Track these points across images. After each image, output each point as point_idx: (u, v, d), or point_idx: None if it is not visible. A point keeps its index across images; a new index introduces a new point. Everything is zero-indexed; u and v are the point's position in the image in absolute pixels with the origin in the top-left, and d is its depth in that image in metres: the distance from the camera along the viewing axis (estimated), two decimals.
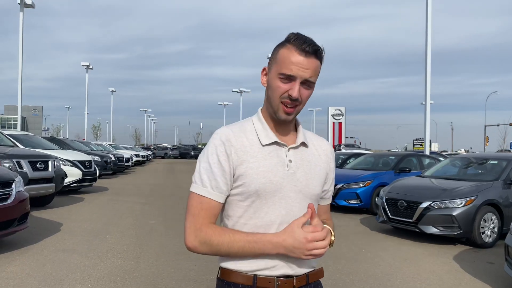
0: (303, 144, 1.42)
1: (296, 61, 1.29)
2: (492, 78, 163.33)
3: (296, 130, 1.44)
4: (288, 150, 1.38)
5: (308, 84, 1.32)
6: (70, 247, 5.79)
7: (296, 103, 1.32)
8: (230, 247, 1.29)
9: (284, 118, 1.34)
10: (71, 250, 5.60)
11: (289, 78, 1.30)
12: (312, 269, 1.42)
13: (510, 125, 46.43)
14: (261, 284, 1.31)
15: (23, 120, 63.34)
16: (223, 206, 1.38)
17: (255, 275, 1.32)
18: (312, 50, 1.30)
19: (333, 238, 1.37)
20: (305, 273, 1.38)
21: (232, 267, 1.34)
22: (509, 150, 54.15)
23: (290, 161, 1.36)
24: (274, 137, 1.36)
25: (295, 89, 1.29)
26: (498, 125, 49.31)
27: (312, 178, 1.40)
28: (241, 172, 1.32)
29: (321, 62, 1.35)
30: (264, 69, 1.40)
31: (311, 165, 1.41)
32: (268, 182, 1.31)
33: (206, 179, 1.34)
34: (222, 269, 1.39)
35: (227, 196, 1.36)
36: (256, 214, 1.33)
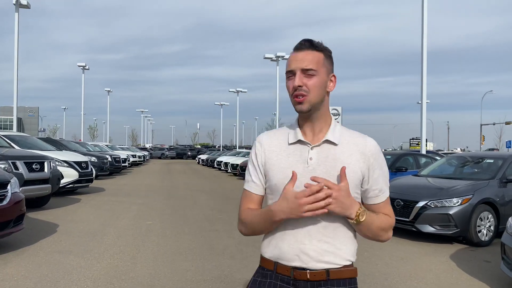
0: (328, 141, 1.47)
1: (292, 57, 1.46)
2: (488, 77, 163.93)
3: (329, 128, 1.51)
4: (312, 148, 1.47)
5: (308, 72, 1.42)
6: (66, 248, 5.77)
7: (302, 92, 1.42)
8: (253, 222, 1.52)
9: (299, 109, 1.44)
10: (67, 251, 5.58)
11: (292, 74, 1.45)
12: (337, 266, 1.46)
13: (506, 124, 46.64)
14: (280, 271, 1.49)
15: (19, 121, 63.06)
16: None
17: (275, 263, 1.50)
18: (305, 43, 1.45)
19: (357, 212, 1.42)
20: (324, 269, 1.44)
21: (263, 254, 1.55)
22: (497, 149, 54.27)
23: (311, 158, 1.46)
24: (299, 136, 1.49)
25: (295, 79, 1.42)
26: (494, 124, 49.49)
27: (334, 176, 1.43)
28: (267, 168, 1.51)
29: (323, 52, 1.46)
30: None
31: (336, 163, 1.45)
32: (285, 178, 1.43)
33: (247, 176, 1.59)
34: (260, 255, 1.59)
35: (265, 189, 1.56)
36: None
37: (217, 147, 68.51)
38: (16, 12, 19.72)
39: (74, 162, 11.67)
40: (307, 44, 1.45)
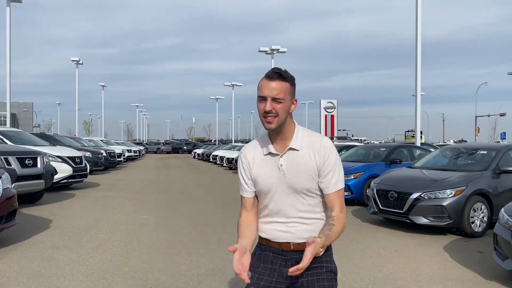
0: (292, 149, 1.89)
1: (265, 84, 1.82)
2: (483, 69, 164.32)
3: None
4: (281, 157, 1.89)
5: (277, 100, 1.80)
6: (59, 243, 5.74)
7: (272, 115, 1.80)
8: (239, 229, 2.02)
9: (268, 128, 1.84)
10: (61, 247, 5.56)
11: (263, 99, 1.81)
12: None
13: (500, 115, 46.84)
14: (271, 245, 1.98)
15: (13, 116, 62.65)
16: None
17: (268, 240, 1.99)
18: (275, 74, 1.81)
19: (319, 252, 1.79)
20: (303, 242, 1.87)
21: (260, 234, 2.03)
22: (465, 140, 54.35)
23: (281, 165, 1.89)
24: (270, 148, 1.92)
25: (266, 105, 1.80)
26: (488, 115, 49.67)
27: (299, 176, 1.87)
28: (253, 176, 1.98)
29: (289, 82, 1.83)
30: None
31: (299, 165, 1.88)
32: (266, 184, 1.92)
33: (241, 185, 2.04)
34: (258, 236, 2.04)
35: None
36: (265, 204, 1.98)
37: (213, 141, 68.40)
38: (8, 7, 19.49)
39: (68, 157, 11.61)
40: (277, 75, 1.80)
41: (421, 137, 16.36)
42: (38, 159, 8.88)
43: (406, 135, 46.47)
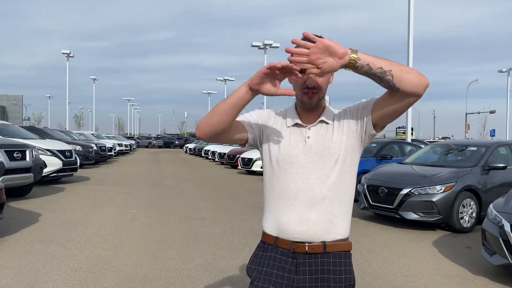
0: (322, 121, 1.62)
1: None
2: (473, 67, 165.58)
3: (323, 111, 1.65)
4: (309, 129, 1.61)
5: None
6: (48, 237, 5.69)
7: (315, 90, 1.56)
8: (218, 105, 1.53)
9: (308, 103, 1.58)
10: (49, 241, 5.50)
11: (302, 71, 1.43)
12: (333, 240, 1.57)
13: (490, 113, 47.23)
14: (280, 245, 1.60)
15: (3, 109, 61.81)
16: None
17: (276, 237, 1.61)
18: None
19: (347, 51, 1.37)
20: (322, 241, 1.56)
21: (264, 229, 1.66)
22: (448, 137, 54.73)
23: (308, 137, 1.59)
24: (297, 120, 1.63)
25: (309, 79, 1.54)
26: (478, 113, 50.11)
27: (329, 147, 1.57)
28: (266, 140, 1.66)
29: None
30: None
31: (331, 139, 1.59)
32: (286, 155, 1.58)
33: (245, 115, 1.70)
34: (262, 231, 1.69)
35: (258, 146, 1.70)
36: (279, 180, 1.60)
37: None
38: None
39: (58, 150, 11.48)
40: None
41: (411, 133, 16.46)
42: (27, 152, 8.77)
43: (397, 131, 46.72)
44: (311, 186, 1.55)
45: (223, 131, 1.55)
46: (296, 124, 1.64)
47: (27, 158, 8.71)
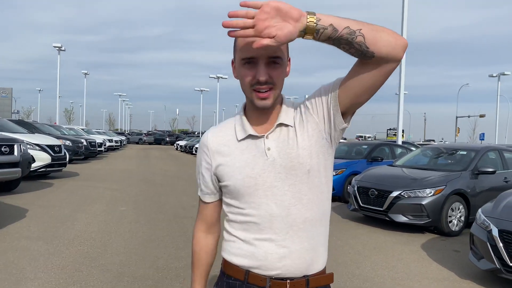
0: (282, 125, 1.27)
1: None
2: (464, 70, 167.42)
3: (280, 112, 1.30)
4: (267, 137, 1.26)
5: (274, 61, 1.19)
6: (34, 234, 5.61)
7: (269, 86, 1.20)
8: (193, 265, 1.50)
9: (262, 105, 1.22)
10: (36, 237, 5.43)
11: (253, 62, 1.19)
12: (315, 273, 1.29)
13: (480, 116, 47.73)
14: (252, 281, 1.27)
15: None
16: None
17: (247, 271, 1.28)
18: None
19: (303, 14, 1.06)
20: (304, 276, 1.27)
21: (228, 259, 1.34)
22: (433, 140, 55.53)
23: (268, 148, 1.25)
24: (249, 130, 1.28)
25: (260, 71, 1.17)
26: (469, 116, 50.57)
27: (299, 155, 1.24)
28: (220, 172, 1.31)
29: None
30: (232, 62, 1.30)
31: (297, 147, 1.25)
32: (246, 177, 1.25)
33: (198, 183, 1.43)
34: (223, 259, 1.38)
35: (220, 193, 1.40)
36: (246, 211, 1.27)
37: (196, 133, 68.05)
38: None
39: (47, 145, 11.35)
40: None
41: (402, 135, 16.55)
42: (15, 146, 8.65)
43: (388, 133, 47.02)
44: (287, 209, 1.24)
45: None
46: (250, 136, 1.28)
47: (15, 153, 8.58)
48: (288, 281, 1.25)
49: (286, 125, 1.27)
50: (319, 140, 1.27)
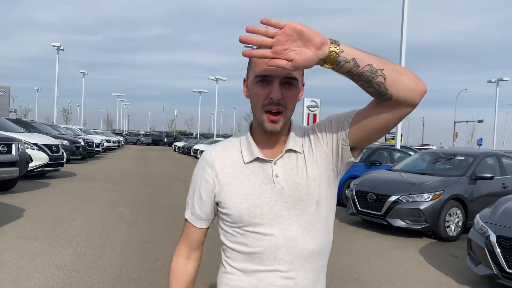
0: (290, 151, 1.22)
1: None
2: (463, 76, 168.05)
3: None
4: (275, 163, 1.21)
5: (289, 82, 1.14)
6: (31, 234, 5.59)
7: (280, 109, 1.15)
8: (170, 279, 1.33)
9: (271, 129, 1.16)
10: (33, 237, 5.40)
11: (267, 80, 1.14)
12: None
13: (478, 122, 47.87)
14: None
15: None
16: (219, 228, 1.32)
17: None
18: None
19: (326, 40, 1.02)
20: None
21: None
22: (428, 144, 55.59)
23: (276, 175, 1.20)
24: (257, 153, 1.21)
25: (274, 90, 1.12)
26: (467, 121, 50.71)
27: (308, 185, 1.20)
28: (222, 197, 1.23)
29: None
30: (244, 80, 1.26)
31: (305, 169, 1.21)
32: (251, 206, 1.18)
33: (190, 204, 1.33)
34: None
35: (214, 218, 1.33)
36: (248, 241, 1.20)
37: (194, 134, 68.00)
38: None
39: (44, 145, 11.32)
40: None
41: (401, 140, 16.57)
42: (13, 145, 8.62)
43: (386, 137, 47.08)
44: (294, 241, 1.18)
45: None
46: (257, 159, 1.22)
47: (13, 152, 8.56)
48: None
49: (295, 151, 1.23)
50: (327, 171, 1.23)
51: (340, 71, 1.05)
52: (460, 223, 6.76)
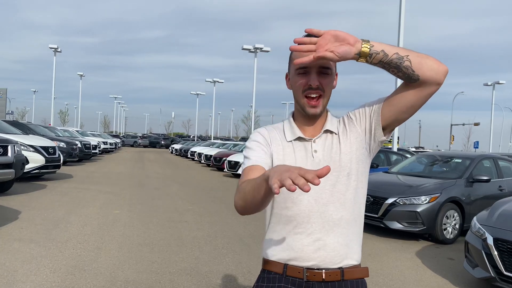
0: (328, 131, 1.44)
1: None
2: (460, 79, 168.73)
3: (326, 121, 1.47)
4: (314, 141, 1.42)
5: (325, 71, 1.36)
6: (27, 236, 5.55)
7: (319, 93, 1.36)
8: (246, 187, 1.25)
9: (312, 113, 1.38)
10: (28, 240, 5.37)
11: (305, 71, 1.35)
12: (350, 266, 1.40)
13: (474, 125, 48.02)
14: (290, 273, 1.38)
15: None
16: None
17: (285, 264, 1.39)
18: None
19: (358, 40, 1.24)
20: (339, 268, 1.38)
21: (269, 257, 1.43)
22: (422, 147, 55.85)
23: (315, 151, 1.41)
24: (298, 133, 1.43)
25: (312, 78, 1.34)
26: (463, 124, 50.87)
27: (341, 159, 1.40)
28: (273, 160, 1.41)
29: None
30: (286, 75, 1.49)
31: (340, 151, 1.42)
32: None
33: (252, 155, 1.40)
34: (263, 259, 1.48)
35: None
36: (288, 204, 1.38)
37: (191, 137, 67.94)
38: None
39: (41, 147, 11.28)
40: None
41: (397, 142, 16.61)
42: (9, 147, 8.58)
43: None
44: (325, 206, 1.37)
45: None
46: (299, 138, 1.44)
47: (9, 154, 8.51)
48: (323, 270, 1.36)
49: (331, 132, 1.44)
50: (359, 149, 1.42)
51: (373, 62, 1.26)
52: (457, 226, 6.76)
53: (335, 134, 1.44)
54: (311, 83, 1.34)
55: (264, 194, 1.16)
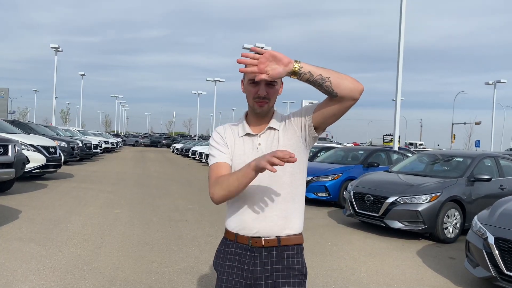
0: (271, 128, 1.80)
1: None
2: (461, 77, 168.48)
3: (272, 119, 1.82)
4: (259, 136, 1.79)
5: (271, 84, 1.71)
6: (27, 235, 5.54)
7: (265, 100, 1.73)
8: (229, 180, 1.65)
9: (260, 111, 1.76)
10: (28, 239, 5.36)
11: (256, 83, 1.70)
12: (288, 235, 1.76)
13: (475, 123, 47.92)
14: (240, 240, 1.78)
15: None
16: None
17: (236, 234, 1.78)
18: None
19: (291, 61, 1.56)
20: (277, 236, 1.74)
21: (227, 227, 1.83)
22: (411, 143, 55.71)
23: (259, 144, 1.77)
24: (247, 130, 1.81)
25: (261, 89, 1.71)
26: (464, 123, 50.80)
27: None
28: (228, 147, 1.81)
29: None
30: (242, 81, 1.82)
31: (279, 144, 1.76)
32: (242, 162, 1.71)
33: (216, 154, 1.80)
34: (225, 228, 1.86)
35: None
36: None
37: (192, 136, 67.94)
38: None
39: (42, 146, 11.28)
40: None
41: (398, 141, 16.57)
42: (10, 147, 8.58)
43: (384, 138, 47.10)
44: (266, 188, 1.74)
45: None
46: (247, 134, 1.81)
47: (9, 153, 8.51)
48: (263, 238, 1.74)
49: (274, 129, 1.80)
50: (296, 142, 1.78)
51: (301, 79, 1.59)
52: (458, 225, 6.74)
53: (277, 130, 1.79)
54: (260, 93, 1.71)
55: (250, 180, 1.60)
